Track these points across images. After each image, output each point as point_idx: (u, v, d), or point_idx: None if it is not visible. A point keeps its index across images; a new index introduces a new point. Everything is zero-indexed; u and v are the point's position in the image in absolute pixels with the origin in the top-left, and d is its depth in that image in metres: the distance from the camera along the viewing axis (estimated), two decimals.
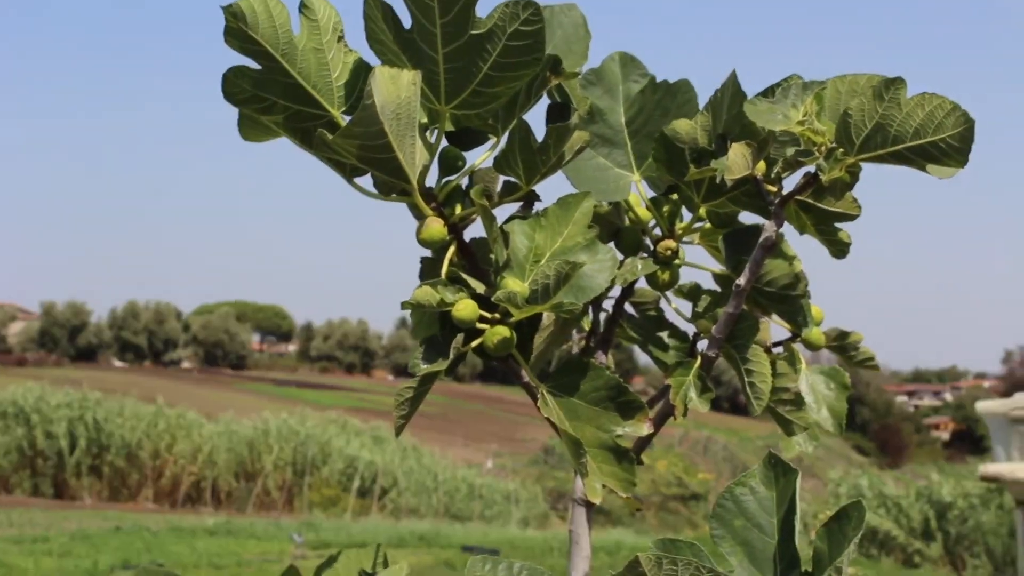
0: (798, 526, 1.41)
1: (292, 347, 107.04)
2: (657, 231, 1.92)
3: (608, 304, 1.95)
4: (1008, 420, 9.91)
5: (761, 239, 1.68)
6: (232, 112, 1.69)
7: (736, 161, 1.65)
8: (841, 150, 1.63)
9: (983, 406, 10.57)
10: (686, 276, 1.90)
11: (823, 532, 1.34)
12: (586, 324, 2.03)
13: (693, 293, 1.93)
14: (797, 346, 1.93)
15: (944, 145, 1.57)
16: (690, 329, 1.92)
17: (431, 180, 1.68)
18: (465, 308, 1.60)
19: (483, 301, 1.62)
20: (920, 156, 1.59)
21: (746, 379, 1.73)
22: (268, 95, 1.60)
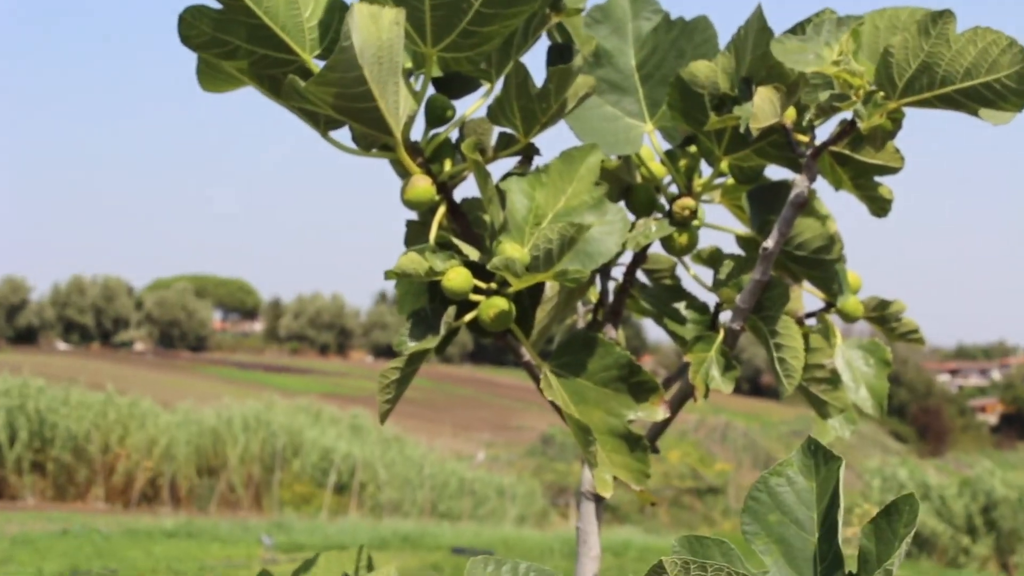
0: (841, 522, 1.40)
1: (258, 326, 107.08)
2: (673, 188, 1.91)
3: (618, 272, 1.94)
4: None
5: (791, 196, 1.68)
6: (190, 59, 1.68)
7: (762, 107, 1.64)
8: (882, 93, 1.62)
9: None
10: (706, 239, 1.90)
11: (870, 529, 1.33)
12: (593, 295, 2.02)
13: (714, 258, 1.92)
14: (832, 317, 1.93)
15: (999, 86, 1.56)
16: (711, 299, 1.92)
17: (417, 133, 1.67)
18: (457, 277, 1.59)
19: (477, 269, 1.62)
20: (972, 99, 1.58)
21: (775, 354, 1.73)
22: (231, 38, 1.58)
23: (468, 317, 1.63)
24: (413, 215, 1.76)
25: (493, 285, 1.63)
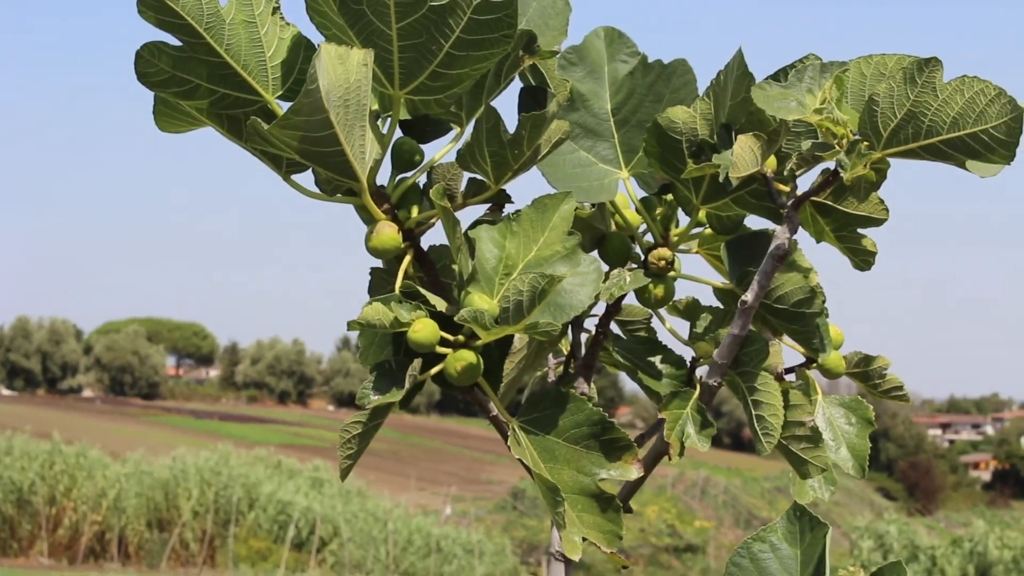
0: None
1: (214, 372, 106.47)
2: (649, 238, 1.92)
3: (590, 323, 1.95)
4: None
5: (772, 248, 1.69)
6: (147, 97, 1.68)
7: (742, 156, 1.65)
8: (866, 143, 1.63)
9: None
10: (682, 291, 1.91)
11: None
12: (565, 347, 2.02)
13: (691, 311, 1.93)
14: (813, 373, 1.94)
15: (987, 137, 1.58)
16: (687, 353, 1.92)
17: (383, 177, 1.68)
18: (423, 329, 1.60)
19: (445, 321, 1.63)
20: (959, 150, 1.60)
21: (753, 411, 1.74)
22: (190, 76, 1.59)
23: (434, 370, 1.63)
24: (379, 263, 1.76)
25: (460, 338, 1.64)
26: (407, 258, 1.68)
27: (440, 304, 1.62)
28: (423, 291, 1.63)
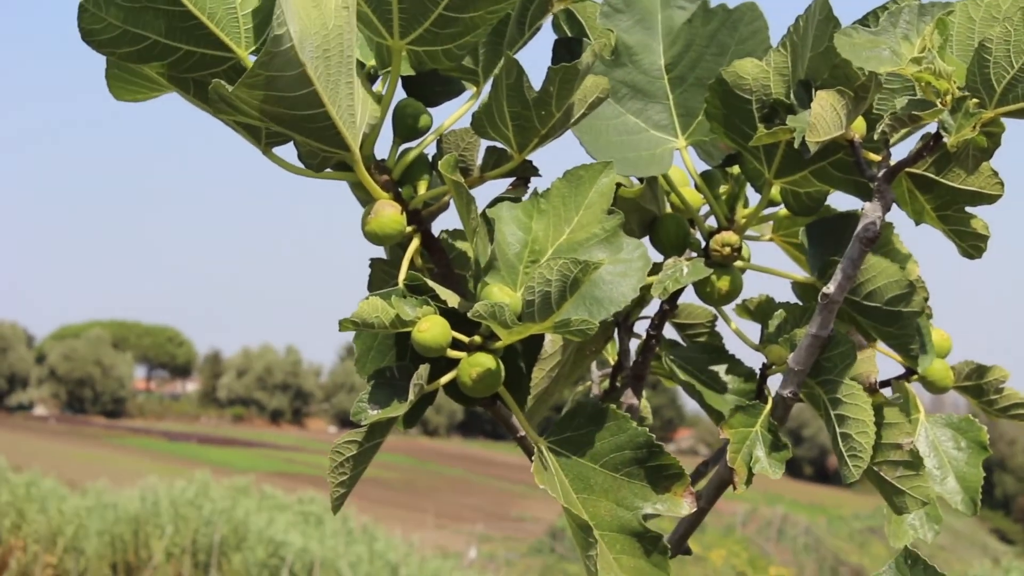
0: None
1: (192, 386, 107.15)
2: (711, 221, 1.91)
3: (641, 327, 1.94)
4: None
5: (859, 229, 1.67)
6: (99, 62, 1.68)
7: (824, 116, 1.63)
8: (975, 100, 1.62)
9: None
10: (752, 287, 1.89)
11: None
12: (611, 356, 2.02)
13: (763, 310, 1.92)
14: (913, 386, 1.92)
15: None
16: (758, 362, 1.91)
17: (382, 149, 1.67)
18: (431, 328, 1.59)
19: (458, 319, 1.61)
20: None
21: (838, 429, 1.72)
22: (145, 32, 1.58)
23: (445, 379, 1.62)
24: (379, 251, 1.76)
25: (477, 339, 1.63)
26: (413, 245, 1.67)
27: (452, 299, 1.61)
28: (432, 283, 1.62)
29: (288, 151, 1.68)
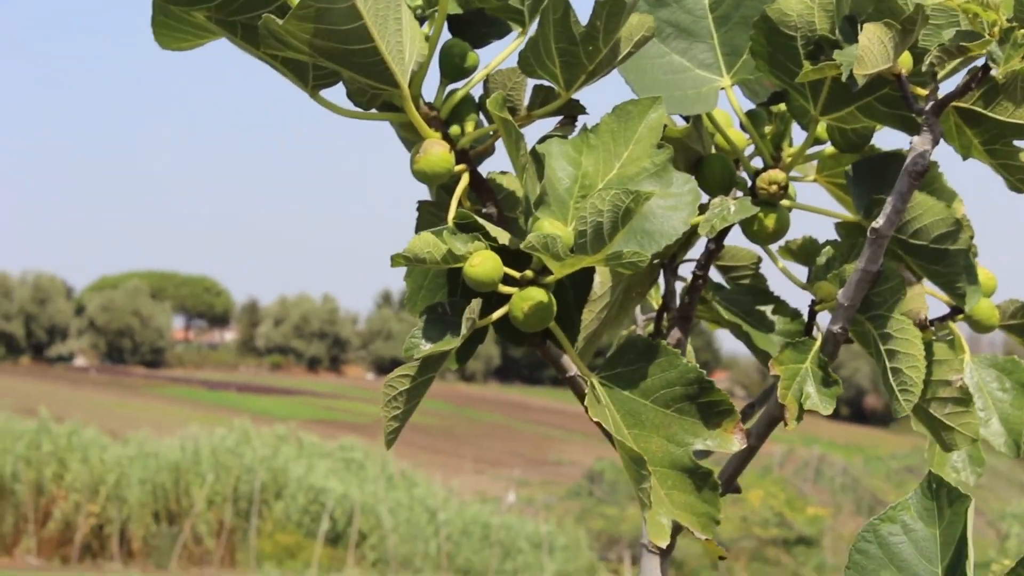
0: (971, 565, 1.40)
1: (230, 335, 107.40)
2: (757, 161, 1.90)
3: (686, 270, 1.94)
4: None
5: (908, 162, 1.67)
6: (143, 11, 1.67)
7: (871, 49, 1.62)
8: (1023, 31, 1.60)
9: None
10: (797, 228, 1.88)
11: None
12: (655, 300, 2.02)
13: (807, 250, 1.91)
14: (958, 326, 1.92)
15: None
16: (804, 303, 1.91)
17: (430, 89, 1.67)
18: (484, 263, 1.59)
19: (508, 255, 1.61)
20: None
21: (888, 364, 1.71)
22: None
23: (497, 314, 1.63)
24: (426, 193, 1.76)
25: (528, 274, 1.63)
26: (461, 184, 1.67)
27: (502, 236, 1.61)
28: (482, 221, 1.62)
29: (333, 94, 1.68)
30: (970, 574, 1.40)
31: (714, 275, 1.97)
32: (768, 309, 1.95)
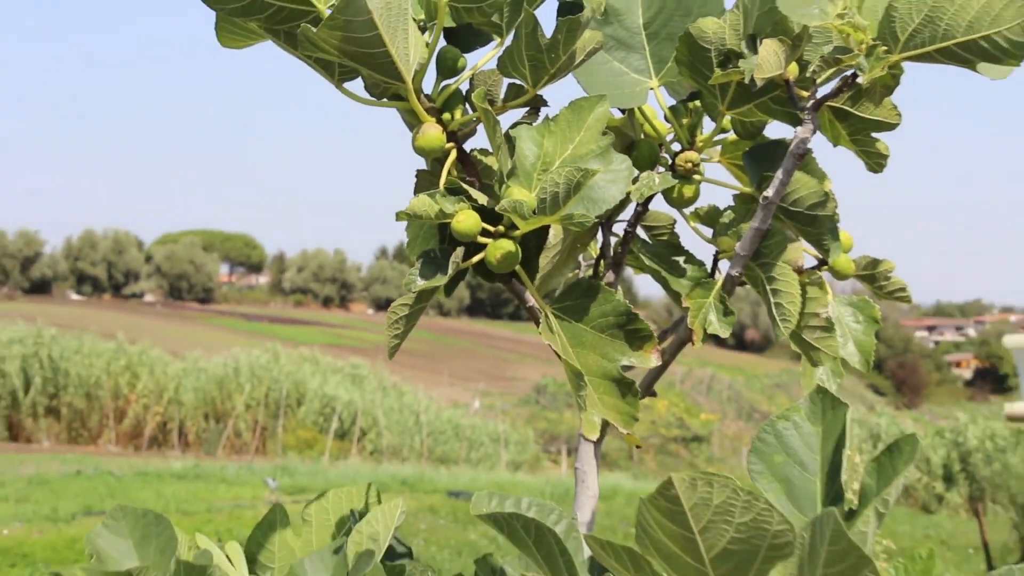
0: (845, 463, 1.39)
1: (263, 279, 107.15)
2: (676, 145, 1.89)
3: (619, 228, 1.92)
4: None
5: (792, 146, 1.66)
6: (205, 19, 1.65)
7: (767, 58, 1.61)
8: (883, 47, 1.59)
9: (1012, 340, 10.63)
10: (706, 195, 1.87)
11: (873, 466, 1.33)
12: (594, 250, 2.00)
13: (712, 215, 1.90)
14: (824, 274, 1.91)
15: (1001, 40, 1.53)
16: (708, 254, 1.90)
17: (428, 85, 1.65)
18: (466, 219, 1.57)
19: (486, 214, 1.60)
20: (972, 53, 1.56)
21: (772, 300, 1.71)
22: None
23: (476, 259, 1.61)
24: (423, 164, 1.74)
25: (500, 228, 1.61)
26: (451, 158, 1.65)
27: (481, 198, 1.60)
28: (466, 187, 1.61)
29: (353, 86, 1.66)
30: (843, 460, 1.40)
31: (640, 232, 1.95)
32: (681, 259, 1.93)
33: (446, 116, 1.65)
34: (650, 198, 1.85)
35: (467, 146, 1.68)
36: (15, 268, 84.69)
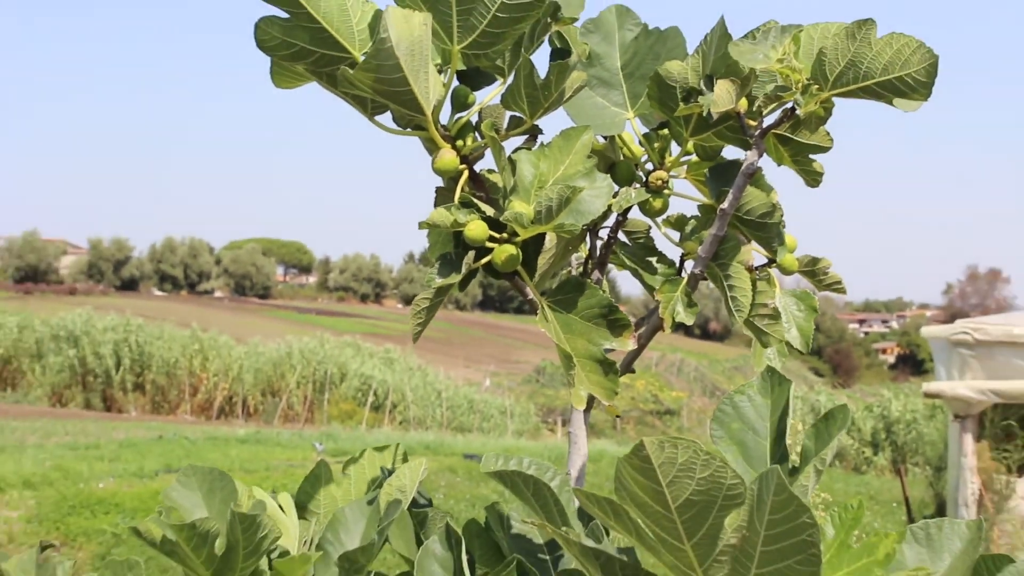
0: (789, 429, 1.40)
1: (312, 279, 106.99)
2: (649, 165, 1.89)
3: (603, 233, 1.92)
4: (950, 343, 9.94)
5: (743, 167, 1.66)
6: (261, 69, 1.65)
7: (721, 96, 1.62)
8: (816, 86, 1.60)
9: (928, 331, 10.59)
10: (675, 206, 1.87)
11: (811, 431, 1.33)
12: (583, 251, 2.00)
13: (680, 223, 1.90)
14: (772, 271, 1.91)
15: (910, 80, 1.54)
16: (676, 255, 1.89)
17: (444, 117, 1.65)
18: (476, 228, 1.57)
19: (492, 223, 1.60)
20: (888, 90, 1.56)
21: (728, 293, 1.71)
22: (296, 41, 1.55)
23: (484, 260, 1.61)
24: (441, 183, 1.74)
25: (504, 235, 1.61)
26: (463, 177, 1.65)
27: (489, 210, 1.60)
28: (476, 201, 1.61)
29: (383, 119, 1.66)
30: (788, 426, 1.41)
31: (621, 237, 1.95)
32: (654, 259, 1.92)
33: (459, 143, 1.65)
34: (628, 209, 1.85)
35: (477, 167, 1.68)
36: (109, 269, 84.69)
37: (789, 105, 1.65)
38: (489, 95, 1.68)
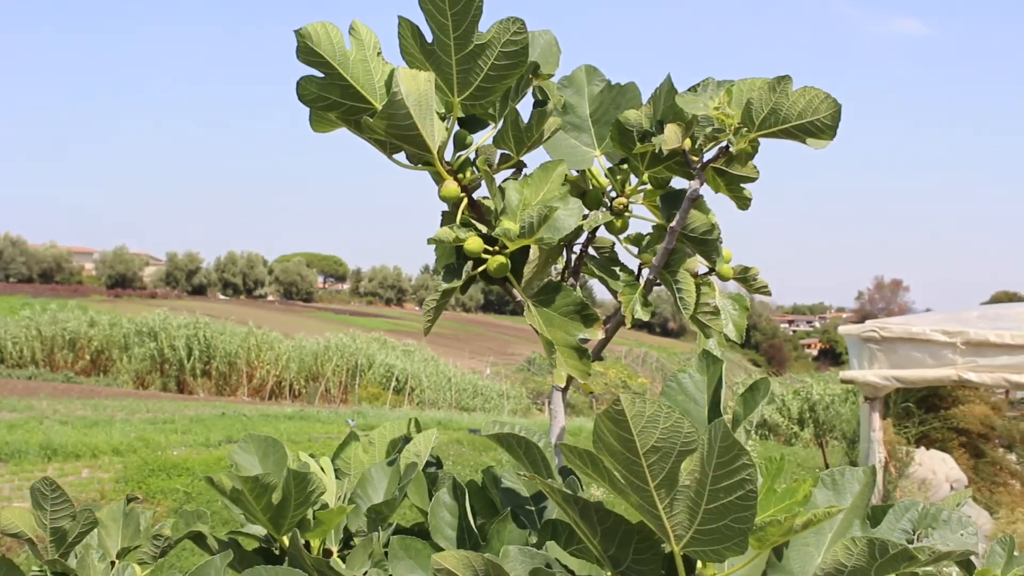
0: (723, 399, 1.41)
1: (346, 286, 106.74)
2: (613, 193, 1.90)
3: (577, 248, 1.93)
4: (861, 339, 9.95)
5: (688, 193, 1.67)
6: (302, 113, 1.66)
7: (670, 137, 1.63)
8: (745, 128, 1.61)
9: (844, 329, 10.60)
10: (632, 228, 1.89)
11: (740, 399, 1.34)
12: (561, 262, 2.01)
13: (638, 240, 1.91)
14: (712, 278, 1.92)
15: (820, 123, 1.56)
16: (635, 266, 1.90)
17: (448, 155, 1.66)
18: (473, 242, 1.59)
19: (487, 238, 1.61)
20: (802, 132, 1.58)
21: (677, 294, 1.72)
22: (329, 95, 1.57)
23: (480, 269, 1.62)
24: (446, 208, 1.75)
25: (496, 248, 1.63)
26: (463, 203, 1.66)
27: (484, 228, 1.61)
28: (473, 221, 1.62)
29: (399, 157, 1.66)
30: (722, 397, 1.42)
31: (591, 251, 1.95)
32: (617, 268, 1.93)
33: (460, 175, 1.66)
34: (596, 228, 1.86)
35: (475, 195, 1.69)
36: (183, 277, 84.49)
37: (724, 144, 1.66)
38: (483, 137, 1.70)
